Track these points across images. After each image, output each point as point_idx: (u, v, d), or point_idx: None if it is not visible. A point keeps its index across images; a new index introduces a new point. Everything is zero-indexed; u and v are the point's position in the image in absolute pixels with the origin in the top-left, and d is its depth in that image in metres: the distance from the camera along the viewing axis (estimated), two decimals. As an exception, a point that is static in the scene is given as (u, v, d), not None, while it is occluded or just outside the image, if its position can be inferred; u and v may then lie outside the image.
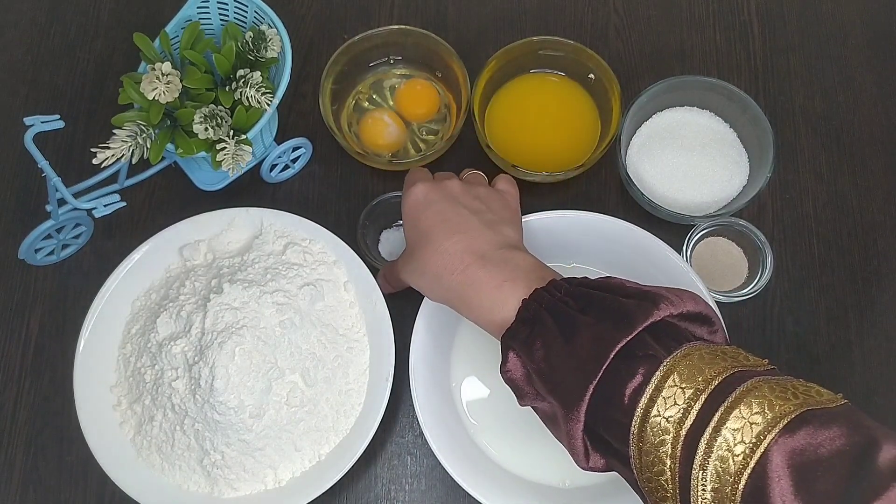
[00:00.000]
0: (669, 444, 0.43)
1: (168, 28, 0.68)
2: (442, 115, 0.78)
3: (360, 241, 0.71)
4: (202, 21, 0.70)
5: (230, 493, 0.66)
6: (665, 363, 0.45)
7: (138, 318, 0.69)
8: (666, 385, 0.44)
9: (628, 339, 0.46)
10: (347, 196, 0.77)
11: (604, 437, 0.48)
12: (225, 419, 0.63)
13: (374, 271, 0.69)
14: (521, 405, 0.53)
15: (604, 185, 0.77)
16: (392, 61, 0.79)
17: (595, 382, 0.46)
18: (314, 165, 0.78)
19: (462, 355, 0.70)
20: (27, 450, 0.70)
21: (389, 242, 0.74)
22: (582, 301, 0.50)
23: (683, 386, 0.44)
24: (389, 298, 0.68)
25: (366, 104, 0.79)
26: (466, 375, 0.70)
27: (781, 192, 0.77)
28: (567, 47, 0.75)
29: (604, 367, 0.46)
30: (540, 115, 0.78)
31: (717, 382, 0.44)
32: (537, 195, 0.76)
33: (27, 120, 0.64)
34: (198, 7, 0.70)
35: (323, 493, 0.64)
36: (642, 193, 0.71)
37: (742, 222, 0.71)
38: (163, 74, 0.64)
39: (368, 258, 0.70)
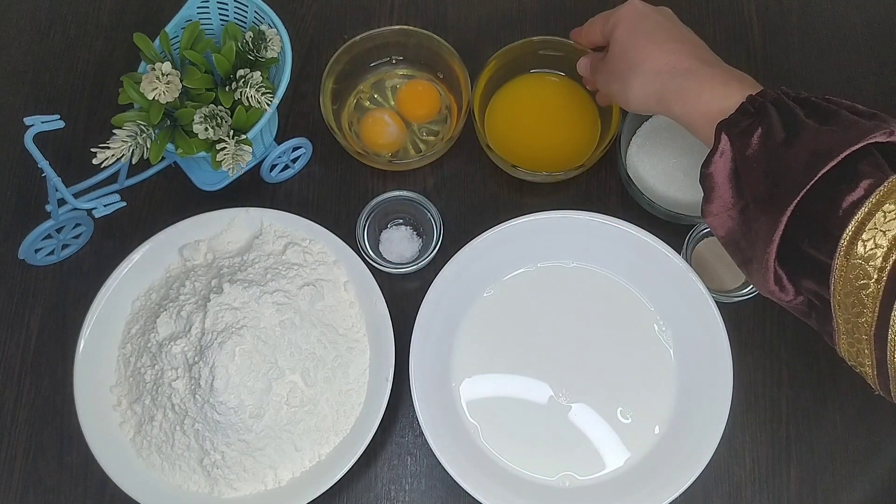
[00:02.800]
0: (881, 258, 0.41)
1: (168, 28, 0.68)
2: (443, 117, 0.78)
3: (360, 241, 0.71)
4: (202, 21, 0.70)
5: (230, 493, 0.66)
6: (891, 179, 0.43)
7: (138, 318, 0.69)
8: (888, 201, 0.42)
9: (855, 147, 0.44)
10: (347, 196, 0.77)
11: (805, 250, 0.45)
12: (225, 419, 0.63)
13: (375, 271, 0.69)
14: (704, 213, 0.52)
15: (604, 185, 0.77)
16: (394, 61, 0.79)
17: (809, 186, 0.44)
18: (314, 165, 0.78)
19: (462, 355, 0.70)
20: (27, 450, 0.70)
21: (389, 242, 0.74)
22: (809, 108, 0.49)
23: None
24: (389, 299, 0.68)
25: (367, 104, 0.79)
26: (466, 375, 0.70)
27: (781, 192, 0.77)
28: (567, 47, 0.75)
29: (821, 173, 0.44)
30: (540, 115, 0.78)
31: None
32: (537, 195, 0.76)
33: (27, 120, 0.64)
34: (198, 7, 0.70)
35: (323, 493, 0.64)
36: (642, 193, 0.71)
37: (742, 222, 0.71)
38: (163, 74, 0.64)
39: (368, 258, 0.70)
